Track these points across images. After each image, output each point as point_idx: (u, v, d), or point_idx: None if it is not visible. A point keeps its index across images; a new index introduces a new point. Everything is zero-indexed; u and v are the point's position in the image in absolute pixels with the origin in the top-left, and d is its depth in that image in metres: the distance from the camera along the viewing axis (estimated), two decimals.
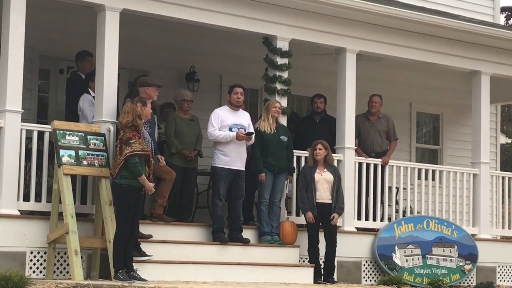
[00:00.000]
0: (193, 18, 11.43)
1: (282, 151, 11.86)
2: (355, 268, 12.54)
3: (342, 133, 12.69)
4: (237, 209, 11.52)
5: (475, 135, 14.16)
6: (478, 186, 13.95)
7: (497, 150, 17.26)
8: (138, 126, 9.82)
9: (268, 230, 11.69)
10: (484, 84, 14.08)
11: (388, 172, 13.27)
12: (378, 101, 13.58)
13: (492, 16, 17.12)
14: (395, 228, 12.89)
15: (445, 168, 14.23)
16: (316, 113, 13.43)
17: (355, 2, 12.34)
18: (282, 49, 12.16)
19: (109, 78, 10.61)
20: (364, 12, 12.52)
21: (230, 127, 11.49)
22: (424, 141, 16.94)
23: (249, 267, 11.00)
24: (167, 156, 11.46)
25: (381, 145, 13.49)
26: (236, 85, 11.72)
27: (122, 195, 9.68)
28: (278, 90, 12.15)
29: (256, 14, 11.89)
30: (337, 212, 11.77)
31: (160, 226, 10.98)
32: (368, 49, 12.96)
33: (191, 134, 11.79)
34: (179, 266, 10.43)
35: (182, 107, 11.95)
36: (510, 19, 39.58)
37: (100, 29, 10.71)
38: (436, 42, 13.48)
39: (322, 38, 12.52)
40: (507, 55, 14.22)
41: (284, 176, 11.94)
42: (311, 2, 12.11)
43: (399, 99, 15.81)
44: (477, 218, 13.92)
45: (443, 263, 13.08)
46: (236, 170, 11.43)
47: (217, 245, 11.19)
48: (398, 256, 12.71)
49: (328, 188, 11.74)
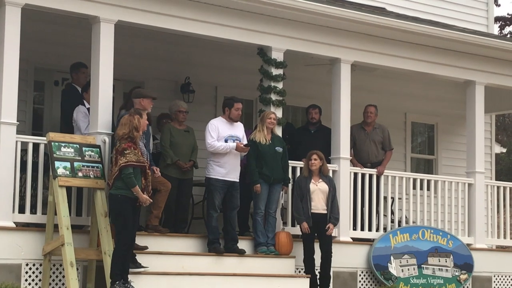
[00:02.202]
0: (188, 29, 11.45)
1: (277, 162, 11.88)
2: (351, 279, 12.53)
3: (337, 144, 12.71)
4: (232, 220, 11.53)
5: (470, 145, 14.19)
6: (473, 196, 13.97)
7: (492, 159, 17.30)
8: (135, 138, 9.84)
9: (264, 240, 11.70)
10: (479, 93, 14.12)
11: (384, 182, 13.29)
12: (373, 111, 13.61)
13: (486, 26, 17.20)
14: (390, 238, 12.89)
15: (440, 178, 14.24)
16: (311, 123, 13.46)
17: (349, 12, 12.38)
18: (277, 60, 12.19)
19: (104, 90, 10.62)
20: (358, 22, 12.56)
21: (226, 139, 11.52)
22: (419, 151, 16.97)
23: (244, 278, 10.99)
24: (163, 167, 11.46)
25: (376, 155, 13.51)
26: (236, 99, 11.70)
27: (118, 205, 9.68)
28: (273, 100, 12.17)
29: (251, 25, 11.91)
30: (332, 222, 11.78)
31: (155, 237, 10.97)
32: (363, 60, 12.99)
33: (187, 145, 11.80)
34: (174, 277, 10.41)
35: (177, 118, 11.96)
36: (504, 29, 39.72)
37: (95, 41, 10.73)
38: (430, 52, 13.52)
39: (316, 49, 12.55)
40: (501, 65, 14.27)
41: (279, 187, 11.96)
42: (305, 13, 12.15)
43: (394, 109, 15.85)
44: (473, 227, 13.93)
45: (438, 273, 13.09)
46: (231, 182, 11.45)
47: (213, 256, 11.18)
48: (393, 266, 12.71)
49: (323, 199, 11.75)
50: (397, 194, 13.53)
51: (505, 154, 38.74)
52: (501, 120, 46.15)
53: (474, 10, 17.14)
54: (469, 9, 17.05)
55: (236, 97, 11.90)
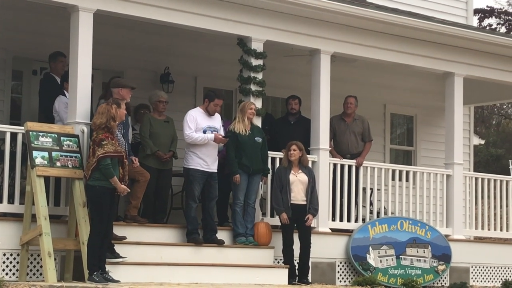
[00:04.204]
0: (167, 19, 11.41)
1: (256, 152, 11.87)
2: (329, 269, 12.57)
3: (316, 134, 12.72)
4: (211, 210, 11.54)
5: (448, 136, 14.24)
6: (452, 187, 14.03)
7: (470, 151, 17.39)
8: (112, 127, 9.80)
9: (243, 231, 11.70)
10: (457, 85, 14.17)
11: (363, 173, 13.32)
12: (353, 102, 13.64)
13: (465, 18, 17.25)
14: (369, 229, 12.93)
15: (419, 169, 14.30)
16: (291, 114, 13.47)
17: (329, 3, 12.38)
18: (257, 51, 12.18)
19: (82, 79, 10.56)
20: (338, 13, 12.56)
21: (204, 130, 11.50)
22: (398, 142, 17.02)
23: (223, 268, 11.00)
24: (142, 158, 11.44)
25: (356, 146, 13.54)
26: (219, 95, 11.67)
27: (96, 196, 9.65)
28: (253, 91, 12.16)
29: (230, 15, 11.89)
30: (312, 213, 11.80)
31: (134, 227, 10.95)
32: (342, 51, 13.00)
33: (166, 136, 11.78)
34: (153, 267, 10.40)
35: (157, 108, 11.93)
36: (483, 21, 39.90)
37: (74, 30, 10.67)
38: (410, 43, 13.55)
39: (296, 40, 12.54)
40: (480, 57, 14.32)
41: (258, 177, 11.96)
42: (285, 4, 12.13)
43: (373, 101, 15.88)
44: (451, 218, 13.99)
45: (417, 263, 13.14)
46: (209, 172, 11.45)
47: (192, 246, 11.17)
48: (372, 257, 12.75)
49: (303, 189, 11.76)
50: (376, 185, 13.57)
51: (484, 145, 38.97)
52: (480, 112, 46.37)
53: (454, 2, 17.19)
54: (448, 1, 17.09)
55: (220, 92, 11.87)
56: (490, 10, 39.87)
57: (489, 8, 39.87)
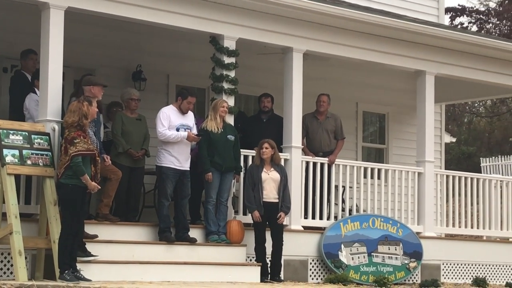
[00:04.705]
0: (139, 16, 11.37)
1: (229, 150, 11.87)
2: (301, 267, 12.60)
3: (289, 132, 12.74)
4: (183, 209, 11.53)
5: (420, 134, 14.32)
6: (423, 185, 14.11)
7: (441, 149, 17.49)
8: (84, 125, 9.76)
9: (215, 229, 11.70)
10: (429, 83, 14.24)
11: (335, 171, 13.36)
12: (326, 100, 13.67)
13: (437, 16, 17.35)
14: (341, 226, 12.98)
15: (391, 166, 14.36)
16: (263, 112, 13.48)
17: (301, 2, 12.39)
18: (229, 48, 12.17)
19: (53, 77, 10.50)
20: (310, 11, 12.58)
21: (177, 127, 11.50)
22: (370, 140, 17.09)
23: (195, 266, 10.99)
24: (114, 156, 11.41)
25: (328, 144, 13.58)
26: (192, 93, 11.69)
27: (68, 195, 9.61)
28: (225, 89, 12.15)
29: (203, 13, 11.87)
30: (284, 211, 11.82)
31: (106, 226, 10.91)
32: (315, 49, 13.03)
33: (138, 134, 11.76)
34: (125, 266, 10.37)
35: (129, 106, 11.91)
36: (454, 20, 40.13)
37: (45, 27, 10.60)
38: (382, 42, 13.61)
39: (269, 38, 12.55)
40: (451, 55, 14.41)
41: (231, 175, 11.96)
42: (258, 2, 12.13)
43: (345, 99, 15.93)
44: (422, 216, 14.07)
45: (388, 261, 13.21)
46: (182, 170, 11.44)
47: (164, 244, 11.15)
48: (344, 254, 12.80)
49: (275, 187, 11.78)
50: (348, 183, 13.63)
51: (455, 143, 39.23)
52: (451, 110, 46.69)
53: (426, 1, 17.27)
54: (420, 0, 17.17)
55: (192, 90, 11.88)
56: (461, 9, 40.10)
57: (460, 7, 40.10)
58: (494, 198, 14.94)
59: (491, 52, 14.66)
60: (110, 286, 9.10)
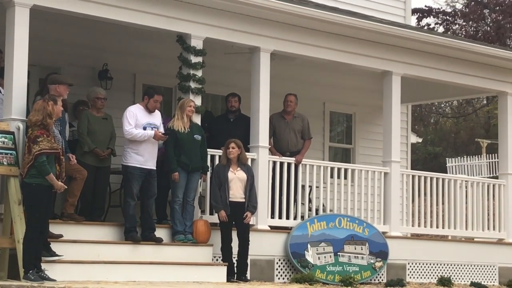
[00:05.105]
0: (105, 15, 11.30)
1: (196, 150, 11.86)
2: (268, 266, 12.60)
3: (256, 132, 12.74)
4: (150, 208, 11.49)
5: (386, 135, 14.38)
6: (389, 185, 14.17)
7: (408, 149, 17.58)
8: (48, 125, 9.68)
9: (182, 229, 11.68)
10: (395, 84, 14.31)
11: (302, 171, 13.39)
12: (293, 100, 13.70)
13: (404, 17, 17.44)
14: (308, 226, 13.00)
15: (357, 166, 14.41)
16: (231, 111, 13.46)
17: (268, 1, 12.39)
18: (196, 48, 12.15)
19: (18, 76, 10.40)
20: (277, 11, 12.59)
21: (144, 126, 11.47)
22: (337, 140, 17.14)
23: (161, 266, 10.96)
24: (80, 155, 11.35)
25: (295, 144, 13.60)
26: (158, 91, 11.69)
27: (32, 194, 9.53)
28: (192, 88, 12.13)
29: (170, 12, 11.83)
30: (250, 210, 11.83)
31: (71, 225, 10.84)
32: (282, 49, 13.04)
33: (104, 133, 11.72)
34: (90, 266, 10.31)
35: (95, 105, 11.86)
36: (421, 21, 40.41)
37: (9, 25, 10.50)
38: (349, 42, 13.65)
39: (236, 37, 12.55)
40: (418, 56, 14.49)
41: (197, 175, 11.94)
42: (225, 1, 12.12)
43: (313, 99, 15.96)
44: (388, 216, 14.14)
45: (354, 260, 13.26)
46: (148, 169, 11.41)
47: (130, 244, 11.11)
48: (310, 254, 12.83)
49: (241, 187, 11.77)
50: (315, 183, 13.66)
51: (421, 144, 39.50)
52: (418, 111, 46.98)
53: (392, 2, 17.37)
54: (387, 1, 17.26)
55: (159, 89, 11.85)
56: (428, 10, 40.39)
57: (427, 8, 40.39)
58: (459, 198, 15.05)
59: (457, 53, 14.77)
60: (75, 286, 9.04)
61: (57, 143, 9.94)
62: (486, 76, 15.39)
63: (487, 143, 41.84)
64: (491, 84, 15.56)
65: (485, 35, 38.50)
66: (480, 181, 15.77)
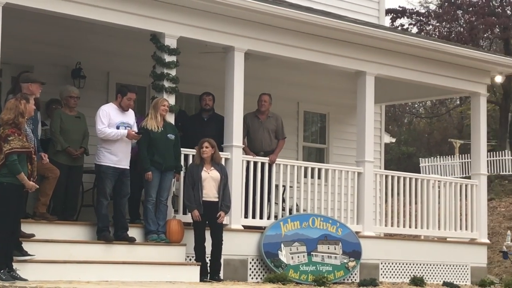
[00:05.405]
0: (80, 14, 11.26)
1: (169, 149, 11.83)
2: (241, 266, 12.60)
3: (230, 132, 12.73)
4: (123, 208, 11.45)
5: (360, 135, 14.43)
6: (363, 184, 14.22)
7: (381, 149, 17.64)
8: (20, 123, 9.61)
9: (155, 228, 11.64)
10: (369, 84, 14.36)
11: (275, 171, 13.39)
12: (267, 100, 13.70)
13: (377, 17, 17.50)
14: (281, 226, 13.01)
15: (331, 166, 14.44)
16: (205, 110, 13.44)
17: (242, 1, 12.38)
18: (170, 47, 12.12)
19: None
20: (251, 11, 12.59)
21: (117, 125, 11.43)
22: (311, 140, 17.17)
23: (134, 266, 10.92)
24: (52, 154, 11.29)
25: (269, 144, 13.61)
26: (131, 89, 11.65)
27: (3, 193, 9.44)
28: (166, 87, 12.10)
29: (144, 11, 11.80)
30: (224, 210, 11.81)
31: (43, 225, 10.79)
32: (256, 48, 13.04)
33: (77, 132, 11.67)
34: (62, 265, 10.26)
35: (68, 103, 11.80)
36: (395, 21, 40.57)
37: None
38: (323, 42, 13.68)
39: (210, 36, 12.53)
40: (391, 56, 14.55)
41: (171, 174, 11.91)
42: (199, 0, 12.09)
43: (287, 98, 15.98)
44: (361, 215, 14.18)
45: (327, 260, 13.29)
46: (121, 169, 11.37)
47: (102, 244, 11.06)
48: (284, 254, 12.84)
49: (215, 186, 11.76)
50: (289, 183, 13.67)
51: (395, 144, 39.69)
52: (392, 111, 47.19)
53: (366, 2, 17.42)
54: (361, 1, 17.31)
55: (132, 86, 11.79)
56: (402, 11, 40.55)
57: (401, 9, 40.55)
58: (432, 198, 15.13)
59: (430, 53, 14.85)
60: (46, 286, 8.99)
61: (29, 142, 9.86)
62: (459, 76, 15.49)
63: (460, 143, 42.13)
64: (464, 84, 15.66)
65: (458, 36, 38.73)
66: (452, 181, 15.87)
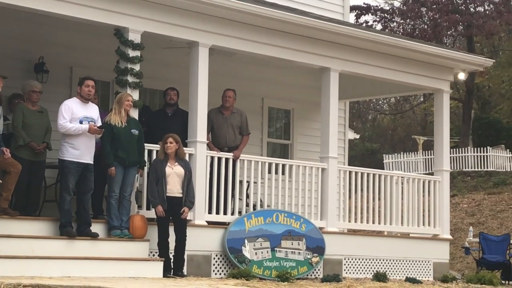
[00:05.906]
0: (42, 7, 11.17)
1: (133, 144, 11.78)
2: (205, 262, 12.59)
3: (194, 127, 12.71)
4: (86, 203, 11.39)
5: (324, 131, 14.47)
6: (326, 180, 14.26)
7: (345, 145, 17.71)
8: None
9: (118, 224, 11.59)
10: (333, 80, 14.41)
11: (240, 166, 13.39)
12: (231, 96, 13.69)
13: (342, 14, 17.54)
14: (245, 221, 13.02)
15: (295, 162, 14.47)
16: (169, 105, 13.41)
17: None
18: (134, 42, 12.07)
19: None
20: (216, 6, 12.57)
21: (80, 120, 11.37)
22: (276, 136, 17.19)
23: (97, 261, 10.86)
24: (14, 149, 11.20)
25: (234, 139, 13.60)
26: (87, 77, 11.62)
27: None
28: (130, 82, 12.04)
29: (107, 5, 11.73)
30: (188, 206, 11.79)
31: (4, 220, 10.70)
32: (221, 44, 13.03)
33: (40, 126, 11.58)
34: (24, 261, 10.18)
35: (30, 98, 11.70)
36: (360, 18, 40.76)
37: None
38: (288, 38, 13.70)
39: (174, 31, 12.49)
40: (356, 53, 14.60)
41: (134, 170, 11.87)
42: None
43: (251, 94, 15.98)
44: (325, 211, 14.23)
45: (291, 255, 13.32)
46: (85, 164, 11.31)
47: (65, 239, 11.00)
48: (247, 249, 12.85)
49: (179, 182, 11.73)
50: (253, 178, 13.67)
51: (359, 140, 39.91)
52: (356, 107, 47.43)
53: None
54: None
55: (91, 76, 11.72)
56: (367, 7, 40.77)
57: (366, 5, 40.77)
58: (395, 194, 15.22)
59: (394, 50, 14.93)
60: (8, 282, 8.89)
61: None
62: (423, 73, 15.60)
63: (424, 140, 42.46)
64: (427, 81, 15.78)
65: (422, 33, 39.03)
66: (416, 177, 15.98)
